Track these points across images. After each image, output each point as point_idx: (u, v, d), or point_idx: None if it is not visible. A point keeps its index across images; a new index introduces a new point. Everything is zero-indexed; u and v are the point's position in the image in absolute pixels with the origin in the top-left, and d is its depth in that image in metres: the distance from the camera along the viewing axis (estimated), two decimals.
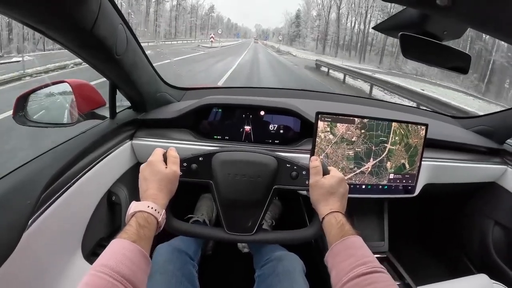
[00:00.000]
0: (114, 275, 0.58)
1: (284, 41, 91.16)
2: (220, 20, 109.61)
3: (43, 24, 0.72)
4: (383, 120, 1.23)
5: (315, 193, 0.90)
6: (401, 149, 1.26)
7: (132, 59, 1.09)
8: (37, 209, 0.81)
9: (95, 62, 0.98)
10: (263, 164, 0.96)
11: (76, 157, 0.98)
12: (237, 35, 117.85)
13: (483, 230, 1.63)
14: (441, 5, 0.52)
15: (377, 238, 1.49)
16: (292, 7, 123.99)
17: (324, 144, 1.20)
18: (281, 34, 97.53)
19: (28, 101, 1.20)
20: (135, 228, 0.70)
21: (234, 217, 0.98)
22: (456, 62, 0.97)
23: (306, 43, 77.07)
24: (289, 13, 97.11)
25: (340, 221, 0.81)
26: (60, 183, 0.91)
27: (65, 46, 0.84)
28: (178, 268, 1.09)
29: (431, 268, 1.89)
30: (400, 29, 0.89)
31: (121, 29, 0.96)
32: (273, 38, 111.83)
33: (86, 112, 1.22)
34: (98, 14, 0.79)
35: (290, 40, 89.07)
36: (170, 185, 0.85)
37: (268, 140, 1.37)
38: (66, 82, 1.22)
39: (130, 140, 1.31)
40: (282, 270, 1.11)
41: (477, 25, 0.66)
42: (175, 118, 1.34)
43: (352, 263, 0.71)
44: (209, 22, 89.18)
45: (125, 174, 1.28)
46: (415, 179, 1.30)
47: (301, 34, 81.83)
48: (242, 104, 1.36)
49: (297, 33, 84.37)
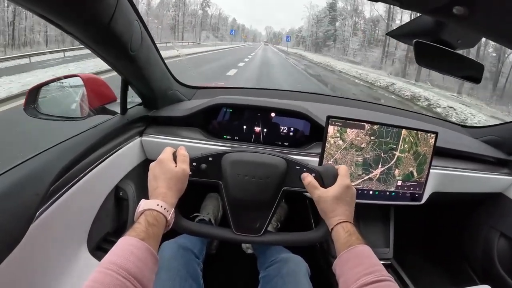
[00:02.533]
0: (122, 272, 0.59)
1: (304, 46, 71.91)
2: (223, 19, 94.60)
3: (62, 19, 0.73)
4: (393, 126, 1.22)
5: (321, 207, 0.89)
6: (410, 157, 1.25)
7: (146, 55, 1.10)
8: (45, 201, 0.81)
9: (110, 57, 0.99)
10: (273, 166, 0.96)
11: (86, 151, 0.98)
12: (231, 32, 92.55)
13: (488, 241, 1.62)
14: (458, 14, 0.52)
15: (382, 244, 1.49)
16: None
17: (333, 150, 1.20)
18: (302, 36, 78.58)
19: (40, 94, 1.21)
20: (144, 226, 0.70)
21: (242, 218, 0.98)
22: (469, 71, 0.97)
23: (354, 51, 47.24)
24: (315, 6, 70.31)
25: (348, 231, 0.81)
26: (68, 176, 0.92)
27: (82, 41, 0.84)
28: (183, 265, 1.09)
29: (435, 277, 1.88)
30: (415, 36, 0.89)
31: (136, 25, 0.97)
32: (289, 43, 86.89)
33: (97, 107, 1.23)
34: (116, 8, 0.80)
35: (315, 45, 63.51)
36: (180, 184, 0.85)
37: (277, 142, 1.37)
38: (78, 76, 1.23)
39: (140, 136, 1.32)
40: (286, 272, 1.11)
41: (492, 36, 0.65)
42: (185, 117, 1.35)
43: (360, 272, 0.71)
44: (196, 20, 73.40)
45: (133, 170, 1.28)
46: (422, 187, 1.30)
47: (338, 37, 55.01)
48: (253, 105, 1.36)
49: (331, 34, 56.86)
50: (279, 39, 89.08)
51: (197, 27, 74.91)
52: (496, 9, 0.51)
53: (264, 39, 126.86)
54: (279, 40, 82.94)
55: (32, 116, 1.18)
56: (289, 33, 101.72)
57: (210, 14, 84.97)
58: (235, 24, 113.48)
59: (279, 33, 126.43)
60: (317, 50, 60.98)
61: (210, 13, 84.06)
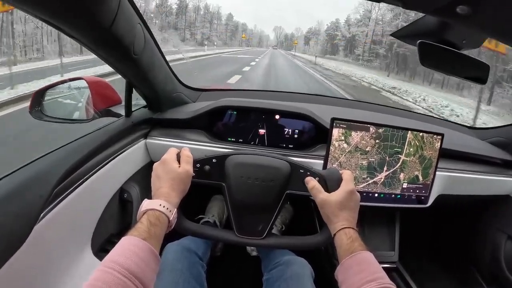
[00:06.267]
0: (123, 271, 0.59)
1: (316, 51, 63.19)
2: (216, 16, 79.53)
3: (63, 22, 0.73)
4: (398, 128, 1.21)
5: (324, 212, 0.89)
6: (415, 160, 1.24)
7: (150, 59, 1.10)
8: (49, 203, 0.82)
9: (112, 60, 0.99)
10: (276, 169, 0.96)
11: (91, 153, 0.99)
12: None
13: (495, 244, 1.60)
14: (462, 13, 0.51)
15: (387, 247, 1.48)
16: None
17: (338, 153, 1.20)
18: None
19: (45, 97, 1.22)
20: (146, 226, 0.70)
21: (244, 220, 0.98)
22: (475, 72, 0.96)
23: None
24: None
25: (351, 237, 0.81)
26: (73, 178, 0.92)
27: (83, 44, 0.85)
28: (187, 267, 1.09)
29: (441, 281, 1.86)
30: (419, 36, 0.89)
31: (139, 29, 0.98)
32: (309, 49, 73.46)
33: (102, 109, 1.24)
34: (117, 12, 0.80)
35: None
36: (183, 184, 0.85)
37: (282, 144, 1.37)
38: (83, 79, 1.24)
39: (144, 139, 1.33)
40: (290, 274, 1.11)
41: (497, 35, 0.65)
42: (190, 119, 1.35)
43: (362, 279, 0.71)
44: (173, 16, 58.11)
45: (138, 172, 1.29)
46: (428, 189, 1.29)
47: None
48: (257, 108, 1.36)
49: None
50: (295, 42, 67.47)
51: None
52: (500, 7, 0.50)
53: (273, 44, 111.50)
54: (295, 42, 62.37)
55: (37, 119, 1.19)
56: (310, 33, 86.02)
57: (195, 6, 67.17)
58: (231, 21, 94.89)
59: (292, 35, 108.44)
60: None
61: (191, 5, 65.66)
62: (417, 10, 0.60)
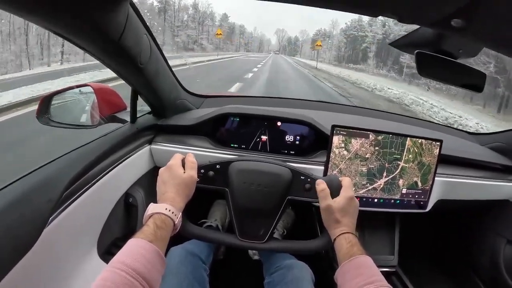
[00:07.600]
0: (131, 272, 0.61)
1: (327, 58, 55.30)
2: (208, 16, 70.42)
3: (75, 35, 0.76)
4: (397, 135, 1.23)
5: (326, 217, 0.91)
6: (414, 167, 1.26)
7: (155, 67, 1.13)
8: (57, 207, 0.84)
9: (119, 69, 1.01)
10: (278, 175, 0.99)
11: (97, 159, 1.01)
12: None
13: (494, 248, 1.61)
14: (456, 26, 0.54)
15: (387, 252, 1.49)
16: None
17: (338, 160, 1.22)
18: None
19: (52, 102, 1.24)
20: (152, 229, 0.73)
21: (247, 225, 1.00)
22: (471, 80, 0.98)
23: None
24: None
25: (350, 242, 0.83)
26: (80, 183, 0.94)
27: (92, 54, 0.87)
28: (190, 271, 1.11)
29: (440, 285, 1.87)
30: (416, 47, 0.91)
31: (145, 39, 1.00)
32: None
33: (107, 115, 1.26)
34: (125, 25, 0.82)
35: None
36: (187, 189, 0.88)
37: (283, 150, 1.39)
38: (89, 85, 1.26)
39: (149, 144, 1.35)
40: (291, 278, 1.13)
41: (492, 45, 0.67)
42: (193, 125, 1.37)
43: (360, 282, 0.73)
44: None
45: (143, 177, 1.31)
46: (427, 195, 1.30)
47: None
48: (259, 115, 1.38)
49: None
50: (318, 43, 54.32)
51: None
52: (493, 20, 0.53)
53: (275, 48, 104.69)
54: (318, 44, 50.68)
55: (44, 124, 1.22)
56: (320, 35, 76.15)
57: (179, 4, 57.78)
58: (226, 22, 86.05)
59: (295, 38, 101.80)
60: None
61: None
62: (413, 24, 0.62)
